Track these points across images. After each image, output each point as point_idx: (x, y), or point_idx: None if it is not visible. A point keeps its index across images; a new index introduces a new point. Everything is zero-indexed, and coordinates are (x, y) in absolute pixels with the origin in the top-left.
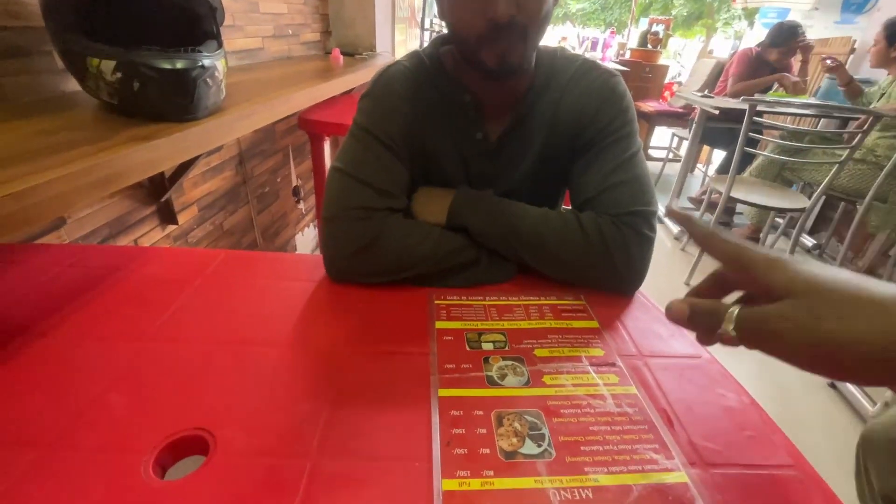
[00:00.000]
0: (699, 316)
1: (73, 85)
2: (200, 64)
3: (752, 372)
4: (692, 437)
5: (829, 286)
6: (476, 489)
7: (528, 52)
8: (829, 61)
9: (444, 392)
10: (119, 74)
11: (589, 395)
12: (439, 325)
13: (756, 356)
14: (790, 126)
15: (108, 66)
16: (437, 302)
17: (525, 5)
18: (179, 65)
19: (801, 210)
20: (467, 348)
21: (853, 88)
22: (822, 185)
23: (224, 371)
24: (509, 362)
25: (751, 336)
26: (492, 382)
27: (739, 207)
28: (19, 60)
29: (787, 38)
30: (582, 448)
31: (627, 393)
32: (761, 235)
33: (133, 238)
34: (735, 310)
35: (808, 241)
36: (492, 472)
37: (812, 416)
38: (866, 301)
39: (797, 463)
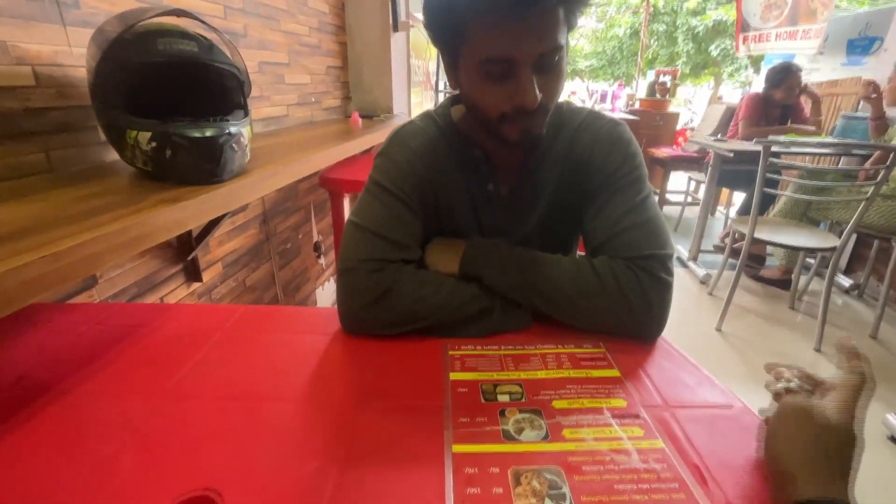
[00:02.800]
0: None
1: (112, 155)
2: (227, 131)
3: None
4: (728, 495)
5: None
6: None
7: (546, 123)
8: (871, 90)
9: (458, 448)
10: (154, 144)
11: (612, 450)
12: (454, 376)
13: None
14: (809, 165)
15: (144, 136)
16: (451, 353)
17: (548, 88)
18: (208, 133)
19: (832, 249)
20: (482, 400)
21: (881, 124)
22: (850, 224)
23: (235, 429)
24: (526, 415)
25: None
26: (508, 437)
27: (770, 248)
28: (68, 135)
29: (782, 76)
30: None
31: (654, 447)
32: (793, 276)
33: (160, 296)
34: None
35: (845, 281)
36: None
37: (870, 472)
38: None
39: None
